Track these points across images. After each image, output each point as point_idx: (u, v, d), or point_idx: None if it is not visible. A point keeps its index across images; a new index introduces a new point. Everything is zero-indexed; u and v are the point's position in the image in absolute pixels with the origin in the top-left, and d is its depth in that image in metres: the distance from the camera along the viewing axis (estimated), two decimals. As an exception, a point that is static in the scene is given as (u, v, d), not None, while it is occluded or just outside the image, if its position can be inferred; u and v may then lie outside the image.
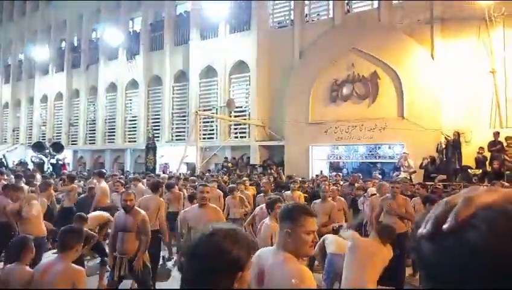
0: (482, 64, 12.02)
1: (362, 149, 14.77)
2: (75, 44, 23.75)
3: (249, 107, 16.66)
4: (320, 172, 13.51)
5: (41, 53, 23.67)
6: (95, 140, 21.80)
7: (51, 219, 6.89)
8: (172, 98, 19.07)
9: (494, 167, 10.46)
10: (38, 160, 17.32)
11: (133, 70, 20.09)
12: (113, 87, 21.20)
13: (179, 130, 18.91)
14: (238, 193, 7.23)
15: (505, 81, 11.87)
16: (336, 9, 15.15)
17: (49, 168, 16.52)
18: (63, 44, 24.36)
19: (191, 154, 14.58)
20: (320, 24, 15.70)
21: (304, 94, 14.65)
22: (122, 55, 20.61)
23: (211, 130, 17.62)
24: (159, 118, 19.29)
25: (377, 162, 14.69)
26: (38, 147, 17.92)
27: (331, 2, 15.50)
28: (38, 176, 10.42)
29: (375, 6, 14.45)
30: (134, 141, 19.97)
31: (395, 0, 14.14)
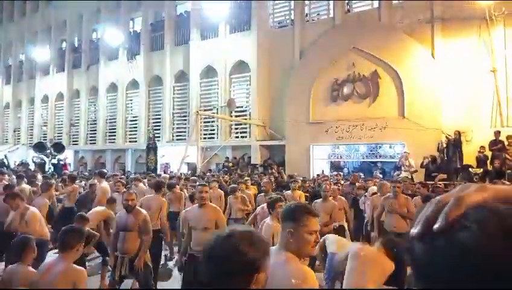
0: (482, 63, 12.01)
1: (363, 148, 14.77)
2: (76, 44, 23.76)
3: (250, 107, 16.66)
4: (322, 171, 13.52)
5: (42, 53, 23.70)
6: (95, 140, 21.82)
7: (51, 219, 6.90)
8: (173, 98, 19.08)
9: (495, 166, 10.47)
10: (39, 160, 17.30)
11: (133, 70, 20.10)
12: (113, 88, 21.21)
13: (180, 130, 18.90)
14: (240, 193, 7.24)
15: (505, 80, 11.86)
16: (336, 9, 15.15)
17: (50, 168, 16.49)
18: (63, 44, 24.37)
19: (192, 154, 14.59)
20: (321, 24, 15.69)
21: (305, 94, 14.65)
22: (122, 55, 20.62)
23: (212, 130, 17.63)
24: (160, 118, 19.30)
25: (378, 162, 14.69)
26: (39, 147, 17.91)
27: (331, 2, 15.49)
28: (39, 176, 10.42)
29: (376, 6, 14.44)
30: (135, 141, 19.98)
31: (396, 0, 14.13)
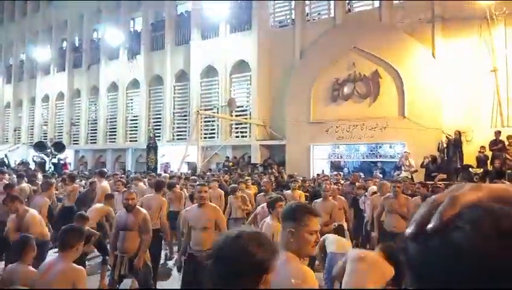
0: (483, 63, 12.00)
1: (363, 148, 14.76)
2: (77, 44, 23.78)
3: (250, 106, 16.66)
4: (322, 171, 13.50)
5: (43, 53, 23.72)
6: (96, 140, 21.83)
7: (51, 218, 6.89)
8: (174, 97, 19.08)
9: (495, 166, 10.46)
10: (39, 160, 17.32)
11: (134, 70, 20.10)
12: (114, 87, 21.22)
13: (180, 129, 18.91)
14: (240, 193, 7.24)
15: (506, 80, 11.84)
16: (337, 9, 15.15)
17: (50, 167, 16.51)
18: (64, 44, 24.38)
19: (192, 154, 14.60)
20: (321, 23, 15.68)
21: (305, 93, 14.64)
22: (123, 55, 20.63)
23: (212, 129, 17.63)
24: (160, 118, 19.30)
25: (378, 162, 14.68)
26: (39, 146, 17.93)
27: (332, 2, 15.49)
28: (39, 175, 10.42)
29: (376, 5, 14.44)
30: (136, 141, 19.99)
31: (396, 0, 14.12)
